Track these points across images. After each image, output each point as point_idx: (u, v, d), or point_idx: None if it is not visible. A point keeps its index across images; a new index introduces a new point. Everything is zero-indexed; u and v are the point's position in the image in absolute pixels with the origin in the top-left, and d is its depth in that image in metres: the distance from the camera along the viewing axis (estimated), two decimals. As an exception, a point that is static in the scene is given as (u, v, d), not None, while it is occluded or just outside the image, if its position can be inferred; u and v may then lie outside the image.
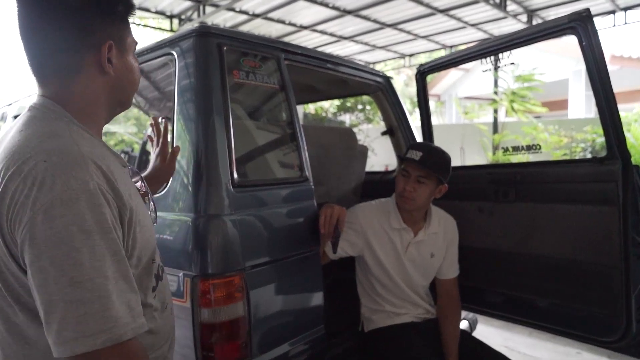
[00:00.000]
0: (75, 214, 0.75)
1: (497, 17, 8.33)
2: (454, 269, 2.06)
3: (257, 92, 1.76)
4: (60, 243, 0.73)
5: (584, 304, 1.87)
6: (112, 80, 0.93)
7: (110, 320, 0.75)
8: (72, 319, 0.73)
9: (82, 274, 0.74)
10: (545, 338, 3.57)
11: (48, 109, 0.88)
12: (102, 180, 0.81)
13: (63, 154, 0.79)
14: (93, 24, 0.87)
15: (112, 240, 0.79)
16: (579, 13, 1.69)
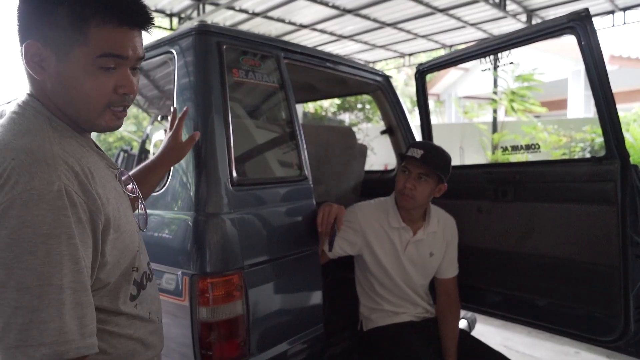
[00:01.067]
0: (34, 215, 0.70)
1: (497, 17, 8.33)
2: (453, 269, 2.06)
3: (256, 90, 1.76)
4: (12, 245, 0.69)
5: (582, 304, 1.87)
6: (51, 88, 0.83)
7: (54, 334, 0.70)
8: (15, 325, 0.68)
9: (31, 280, 0.69)
10: (544, 337, 3.57)
11: (29, 105, 0.85)
12: (73, 182, 0.76)
13: (32, 152, 0.75)
14: (27, 17, 0.81)
15: (73, 246, 0.73)
16: (578, 13, 1.69)
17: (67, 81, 0.82)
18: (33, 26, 0.80)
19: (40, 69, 0.82)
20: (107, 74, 0.84)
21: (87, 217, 0.77)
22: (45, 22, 0.79)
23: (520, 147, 2.44)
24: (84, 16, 0.79)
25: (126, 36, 0.84)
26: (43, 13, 0.79)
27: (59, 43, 0.80)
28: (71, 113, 0.86)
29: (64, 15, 0.79)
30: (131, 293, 0.93)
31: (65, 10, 0.79)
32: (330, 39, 9.79)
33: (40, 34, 0.80)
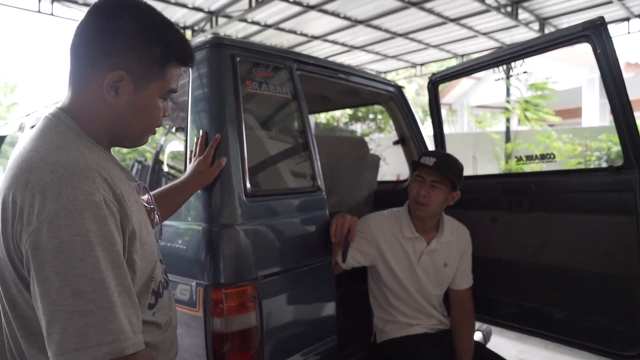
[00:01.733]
0: (80, 224, 0.76)
1: (509, 26, 8.31)
2: (467, 279, 2.04)
3: (269, 102, 1.77)
4: (64, 253, 0.74)
5: (601, 316, 1.83)
6: (115, 111, 0.92)
7: (113, 333, 0.75)
8: (73, 329, 0.73)
9: (85, 285, 0.74)
10: (561, 351, 3.50)
11: (60, 119, 0.90)
12: (108, 192, 0.82)
13: (70, 165, 0.81)
14: (117, 49, 0.89)
15: (116, 252, 0.79)
16: (593, 21, 1.67)
17: (138, 107, 0.93)
18: (123, 58, 0.89)
19: (114, 94, 0.90)
20: (162, 103, 0.98)
21: (119, 224, 0.83)
22: (136, 57, 0.90)
23: (534, 156, 2.42)
24: (167, 57, 0.93)
25: (179, 73, 0.99)
26: (137, 50, 0.90)
27: (141, 76, 0.91)
28: (123, 132, 0.96)
29: (155, 55, 0.91)
30: (149, 302, 0.97)
31: (158, 51, 0.91)
32: (342, 50, 9.84)
33: (126, 65, 0.89)
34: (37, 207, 0.76)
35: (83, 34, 0.91)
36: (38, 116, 2.89)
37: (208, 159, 1.46)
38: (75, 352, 0.73)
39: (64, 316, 0.73)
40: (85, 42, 0.90)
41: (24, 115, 3.19)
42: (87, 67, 0.90)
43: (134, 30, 0.89)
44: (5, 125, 3.66)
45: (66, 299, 0.73)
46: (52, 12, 7.15)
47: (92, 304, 0.74)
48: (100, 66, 0.89)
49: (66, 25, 51.74)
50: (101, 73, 0.89)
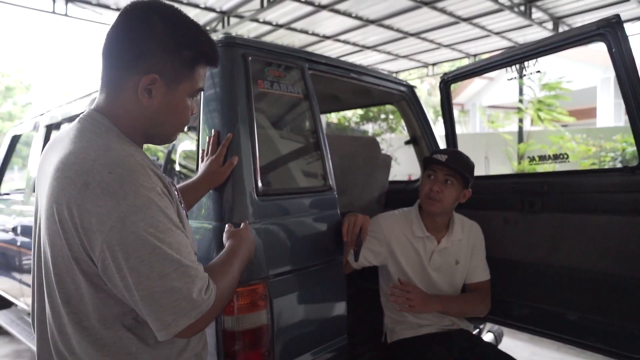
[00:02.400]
0: (151, 217, 0.85)
1: (522, 25, 8.24)
2: (482, 272, 2.03)
3: (281, 101, 1.78)
4: (143, 245, 0.83)
5: (615, 319, 1.81)
6: (148, 112, 0.97)
7: (198, 300, 0.88)
8: (167, 306, 0.85)
9: (167, 267, 0.85)
10: (574, 353, 3.46)
11: (97, 121, 0.95)
12: (161, 185, 0.91)
13: (124, 164, 0.87)
14: (150, 53, 0.93)
15: (182, 234, 0.90)
16: (608, 20, 1.65)
17: (170, 107, 0.98)
18: (155, 62, 0.94)
19: (148, 96, 0.95)
20: (190, 101, 1.03)
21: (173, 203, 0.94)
22: (168, 60, 0.94)
23: (548, 156, 2.39)
24: (197, 59, 0.98)
25: (206, 73, 1.04)
26: (169, 54, 0.94)
27: (173, 78, 0.96)
28: (156, 131, 1.01)
29: (185, 58, 0.96)
30: None
31: (189, 54, 0.96)
32: (353, 50, 9.83)
33: (159, 68, 0.94)
34: (107, 208, 0.83)
35: (115, 38, 0.95)
36: (52, 115, 2.93)
37: (220, 159, 1.47)
38: (174, 322, 0.86)
39: (158, 297, 0.84)
40: (118, 47, 0.95)
41: (39, 114, 3.23)
42: (120, 71, 0.95)
43: (165, 33, 0.93)
44: (20, 125, 3.71)
45: (155, 282, 0.84)
46: (66, 13, 7.24)
47: (176, 281, 0.85)
48: (134, 70, 0.93)
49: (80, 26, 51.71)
50: (135, 76, 0.93)
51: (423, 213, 1.98)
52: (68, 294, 0.91)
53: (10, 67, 22.30)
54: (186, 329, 0.88)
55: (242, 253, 1.15)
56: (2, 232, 3.31)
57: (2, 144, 3.92)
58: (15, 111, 21.50)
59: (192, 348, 1.06)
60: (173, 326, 0.86)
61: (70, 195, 0.84)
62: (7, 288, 3.52)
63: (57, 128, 3.09)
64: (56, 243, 0.89)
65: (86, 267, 0.88)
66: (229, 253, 1.13)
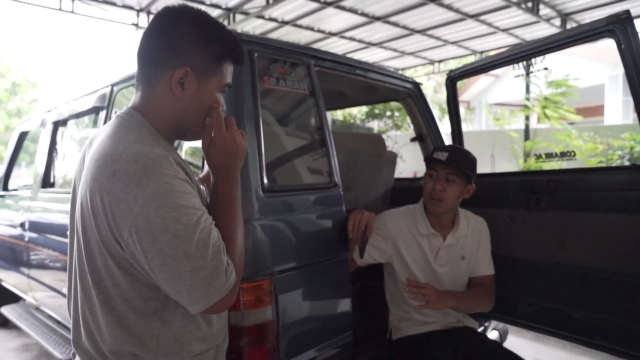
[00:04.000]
0: (173, 202, 0.90)
1: (529, 22, 8.18)
2: (486, 266, 2.02)
3: (287, 98, 1.78)
4: (168, 228, 0.88)
5: (622, 317, 1.80)
6: (181, 105, 1.03)
7: (223, 275, 0.94)
8: (197, 283, 0.91)
9: (192, 247, 0.90)
10: (580, 352, 3.45)
11: (132, 117, 1.03)
12: (182, 173, 0.96)
13: (149, 154, 0.93)
14: (182, 48, 1.01)
15: (205, 219, 0.95)
16: (618, 15, 1.64)
17: (201, 100, 1.04)
18: (187, 56, 1.01)
19: (181, 89, 1.02)
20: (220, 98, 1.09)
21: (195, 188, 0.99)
22: (198, 55, 1.02)
23: (554, 154, 2.38)
24: (224, 55, 1.05)
25: (232, 70, 1.10)
26: (198, 49, 1.02)
27: (203, 72, 1.03)
28: (187, 123, 1.06)
29: (213, 52, 1.03)
30: None
31: (216, 49, 1.03)
32: (359, 47, 9.80)
33: (191, 63, 1.01)
34: (133, 195, 0.88)
35: (149, 39, 1.03)
36: (59, 112, 2.94)
37: None
38: (205, 297, 0.92)
39: (186, 275, 0.90)
40: (152, 46, 1.03)
41: (46, 111, 3.25)
42: (155, 68, 1.02)
43: (195, 31, 1.02)
44: (27, 121, 3.73)
45: (182, 261, 0.89)
46: (73, 10, 7.26)
47: (202, 260, 0.90)
48: (167, 65, 1.01)
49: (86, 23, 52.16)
50: (169, 71, 1.01)
51: (428, 211, 1.97)
52: (98, 276, 0.98)
53: (17, 64, 22.42)
54: (218, 303, 0.95)
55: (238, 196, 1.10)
56: (11, 227, 3.33)
57: (10, 140, 3.95)
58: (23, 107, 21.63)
59: (213, 339, 1.12)
60: (203, 301, 0.93)
61: (101, 183, 0.91)
62: (16, 283, 3.56)
63: (64, 124, 3.11)
64: (87, 227, 0.97)
65: (114, 251, 0.94)
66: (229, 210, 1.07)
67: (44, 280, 2.88)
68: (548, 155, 2.36)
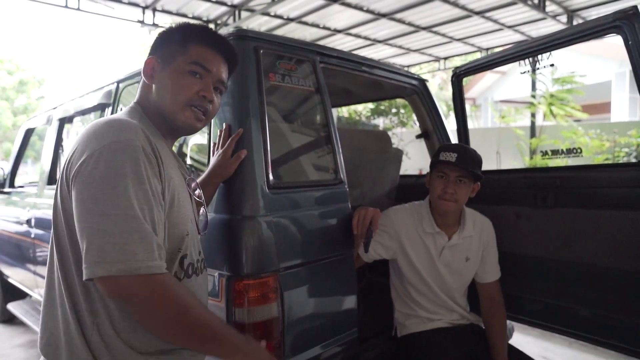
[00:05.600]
0: (118, 160, 0.89)
1: (536, 19, 8.14)
2: (494, 272, 2.01)
3: (292, 94, 1.78)
4: (99, 181, 0.88)
5: (629, 315, 1.79)
6: (154, 90, 1.11)
7: (127, 254, 0.85)
8: (97, 245, 0.85)
9: (111, 208, 0.86)
10: (587, 349, 3.44)
11: (131, 107, 1.12)
12: (147, 146, 0.95)
13: (121, 122, 0.96)
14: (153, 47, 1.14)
15: (144, 190, 0.91)
16: (625, 11, 1.62)
17: (166, 80, 1.09)
18: (155, 47, 1.13)
19: (151, 76, 1.11)
20: (194, 78, 1.10)
21: (157, 172, 0.96)
22: (164, 43, 1.13)
23: (560, 151, 2.37)
24: (188, 38, 1.11)
25: (214, 57, 1.13)
26: (162, 39, 1.14)
27: (167, 56, 1.10)
28: (163, 107, 1.09)
29: (176, 37, 1.12)
30: (176, 274, 1.04)
31: (179, 34, 1.12)
32: (365, 44, 9.78)
33: (157, 52, 1.12)
34: (89, 146, 0.92)
35: None
36: (65, 109, 2.95)
37: (228, 152, 1.48)
38: (94, 265, 0.85)
39: (91, 233, 0.86)
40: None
41: (52, 108, 3.26)
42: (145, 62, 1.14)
43: (164, 31, 1.15)
44: (34, 118, 3.75)
45: (94, 218, 0.86)
46: (79, 7, 7.28)
47: (114, 225, 0.86)
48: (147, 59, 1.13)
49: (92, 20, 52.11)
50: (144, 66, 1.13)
51: (433, 209, 1.96)
52: (61, 252, 1.00)
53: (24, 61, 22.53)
54: (105, 280, 0.86)
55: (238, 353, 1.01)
56: (17, 224, 3.35)
57: (17, 137, 3.97)
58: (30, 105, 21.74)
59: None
60: (92, 268, 0.85)
61: (76, 142, 0.96)
62: (22, 279, 3.58)
63: (70, 121, 3.12)
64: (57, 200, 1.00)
65: (69, 207, 0.94)
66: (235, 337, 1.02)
67: (50, 277, 2.89)
68: (554, 152, 2.35)
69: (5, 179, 3.86)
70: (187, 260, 1.06)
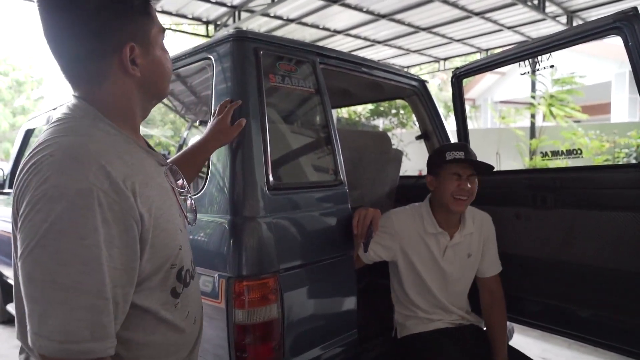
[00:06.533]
0: (54, 211, 0.72)
1: (536, 19, 8.15)
2: (495, 266, 2.02)
3: (292, 95, 1.78)
4: (31, 237, 0.72)
5: (629, 316, 1.79)
6: (140, 80, 0.91)
7: (46, 328, 0.70)
8: (28, 311, 0.72)
9: (36, 272, 0.71)
10: (586, 351, 3.44)
11: (77, 107, 0.87)
12: (103, 182, 0.76)
13: (68, 150, 0.77)
14: (110, 27, 0.84)
15: (86, 247, 0.72)
16: (625, 12, 1.63)
17: (155, 61, 0.93)
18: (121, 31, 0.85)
19: (134, 66, 0.88)
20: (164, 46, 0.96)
21: (118, 216, 0.77)
22: (129, 21, 0.86)
23: (560, 152, 2.37)
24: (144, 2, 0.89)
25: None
26: (124, 15, 0.85)
27: (141, 34, 0.89)
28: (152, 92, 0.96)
29: (138, 8, 0.88)
30: (174, 289, 0.92)
31: (138, 1, 0.87)
32: (364, 44, 9.79)
33: (128, 35, 0.86)
34: (30, 188, 0.74)
35: (61, 37, 0.85)
36: (66, 109, 2.95)
37: (227, 118, 1.49)
38: (34, 335, 0.71)
39: (28, 299, 0.73)
40: (69, 41, 0.85)
41: (51, 108, 3.26)
42: (90, 64, 0.87)
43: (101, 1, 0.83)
44: (33, 119, 3.75)
45: (23, 281, 0.73)
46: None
47: (39, 292, 0.71)
48: (105, 54, 0.86)
49: (92, 21, 52.32)
50: (110, 59, 0.86)
51: (434, 209, 1.96)
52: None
53: (21, 62, 22.51)
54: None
55: None
56: (16, 224, 3.35)
57: (16, 138, 3.97)
58: (28, 105, 21.74)
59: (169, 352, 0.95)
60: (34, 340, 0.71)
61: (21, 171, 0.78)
62: (21, 280, 3.57)
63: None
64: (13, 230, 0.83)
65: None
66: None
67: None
68: (554, 153, 2.36)
69: (5, 180, 3.85)
70: (184, 270, 0.95)
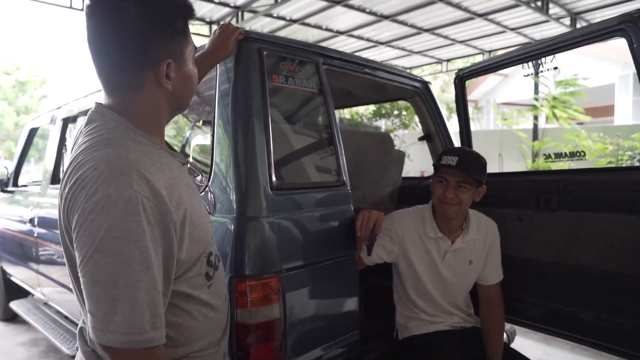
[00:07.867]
0: (108, 219, 0.80)
1: (539, 21, 8.13)
2: (496, 274, 2.01)
3: (295, 96, 1.78)
4: (90, 244, 0.80)
5: (632, 319, 1.78)
6: (171, 93, 0.97)
7: (112, 324, 0.79)
8: (92, 310, 0.81)
9: (100, 275, 0.80)
10: (589, 354, 3.42)
11: (108, 117, 0.94)
12: (144, 188, 0.84)
13: (110, 162, 0.84)
14: (153, 43, 0.91)
15: (139, 249, 0.81)
16: (630, 14, 1.62)
17: (186, 77, 1.00)
18: (161, 47, 0.93)
19: (168, 80, 0.95)
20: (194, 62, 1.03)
21: (158, 219, 0.85)
22: (169, 39, 0.94)
23: (563, 154, 2.36)
24: (185, 24, 0.98)
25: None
26: (166, 34, 0.93)
27: (178, 51, 0.96)
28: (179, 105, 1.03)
29: (179, 29, 0.96)
30: (207, 273, 1.02)
31: (180, 23, 0.96)
32: (367, 45, 9.79)
33: (167, 51, 0.93)
34: (80, 201, 0.82)
35: (104, 43, 0.91)
36: (69, 108, 2.96)
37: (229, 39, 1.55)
38: (99, 331, 0.80)
39: (88, 298, 0.81)
40: (114, 51, 0.91)
41: (55, 108, 3.27)
42: (131, 73, 0.93)
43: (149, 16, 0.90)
44: (37, 118, 3.76)
45: (86, 284, 0.81)
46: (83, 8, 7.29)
47: (104, 293, 0.80)
48: (145, 66, 0.92)
49: (96, 21, 52.25)
50: (150, 71, 0.93)
51: (436, 214, 1.95)
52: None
53: (24, 61, 22.58)
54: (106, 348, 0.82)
55: None
56: (20, 223, 3.36)
57: (20, 137, 3.98)
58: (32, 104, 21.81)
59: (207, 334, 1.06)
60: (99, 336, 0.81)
61: (67, 186, 0.86)
62: (25, 278, 3.59)
63: (74, 121, 3.13)
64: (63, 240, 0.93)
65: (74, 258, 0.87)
66: None
67: (52, 276, 2.91)
68: (557, 155, 2.34)
69: (9, 178, 3.87)
70: (212, 255, 1.06)
